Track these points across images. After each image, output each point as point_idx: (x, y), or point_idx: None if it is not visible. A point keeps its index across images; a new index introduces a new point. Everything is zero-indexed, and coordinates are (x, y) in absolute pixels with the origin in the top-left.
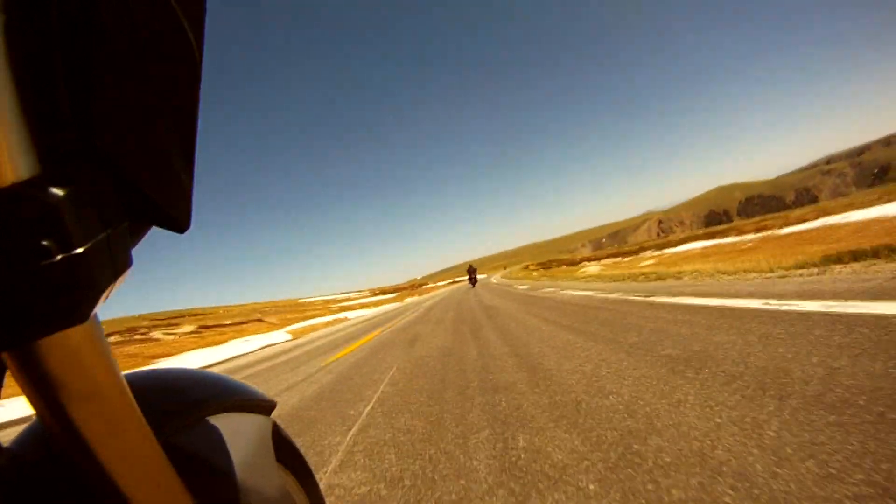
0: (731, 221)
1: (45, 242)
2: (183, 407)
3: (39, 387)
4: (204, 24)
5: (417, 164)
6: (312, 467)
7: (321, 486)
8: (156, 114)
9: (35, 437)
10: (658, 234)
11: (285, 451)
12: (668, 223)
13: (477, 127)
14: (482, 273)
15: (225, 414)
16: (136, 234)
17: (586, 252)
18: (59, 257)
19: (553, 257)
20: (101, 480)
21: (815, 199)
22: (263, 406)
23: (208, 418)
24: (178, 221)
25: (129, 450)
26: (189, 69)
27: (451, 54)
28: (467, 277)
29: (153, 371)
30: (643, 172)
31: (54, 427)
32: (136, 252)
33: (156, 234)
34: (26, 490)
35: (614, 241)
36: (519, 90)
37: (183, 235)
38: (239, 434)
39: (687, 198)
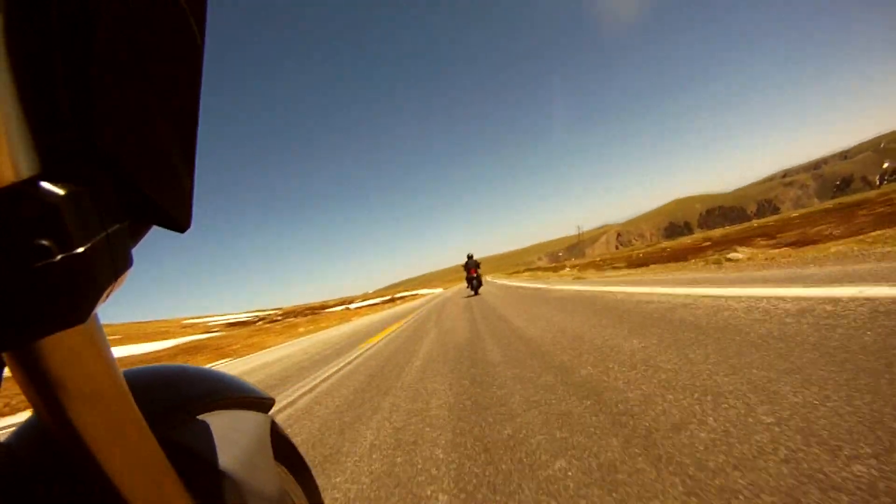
0: (693, 233)
1: (45, 242)
2: (181, 403)
3: (39, 387)
4: (205, 24)
5: (371, 173)
6: (310, 465)
7: None
8: (156, 114)
9: (31, 433)
10: (617, 247)
11: (283, 449)
12: (627, 236)
13: (434, 137)
14: (433, 288)
15: (223, 411)
16: (137, 233)
17: (542, 265)
18: (59, 257)
19: (512, 269)
20: (100, 480)
21: (777, 210)
22: (262, 403)
23: (206, 415)
24: (179, 221)
25: (128, 449)
26: (190, 69)
27: (397, 64)
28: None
29: (152, 368)
30: (596, 187)
31: (54, 427)
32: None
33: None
34: (23, 485)
35: (571, 254)
36: (473, 102)
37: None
38: (236, 431)
39: (642, 211)
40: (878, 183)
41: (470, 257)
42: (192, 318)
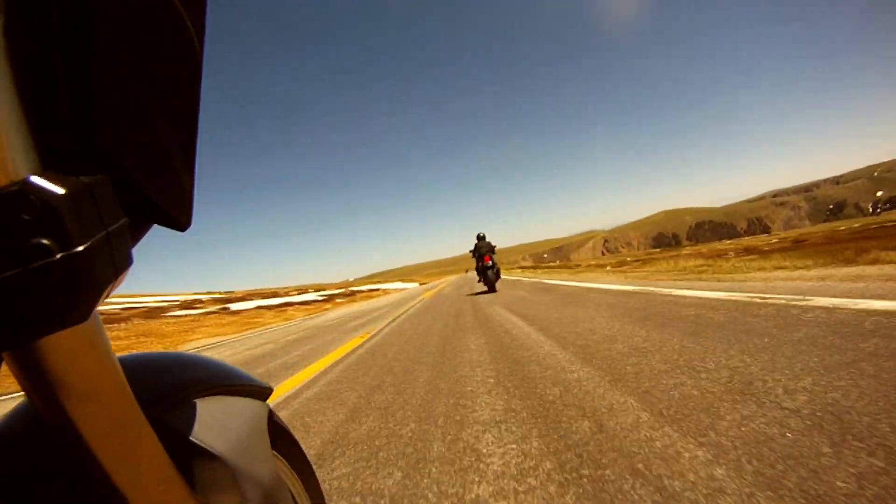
0: (681, 245)
1: (44, 241)
2: (176, 389)
3: (39, 386)
4: (205, 23)
5: (361, 162)
6: (309, 456)
7: None
8: (156, 113)
9: (23, 417)
10: (603, 253)
11: (281, 438)
12: (613, 242)
13: (420, 131)
14: (416, 280)
15: (219, 397)
16: (137, 233)
17: (527, 265)
18: (58, 256)
19: (502, 267)
20: (100, 478)
21: (767, 229)
22: (259, 391)
23: (201, 400)
24: (179, 220)
25: (128, 448)
26: (189, 69)
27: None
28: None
29: (148, 354)
30: (583, 192)
31: (54, 426)
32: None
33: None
34: (22, 485)
35: (556, 257)
36: (460, 99)
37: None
38: (232, 417)
39: (627, 220)
40: (871, 210)
41: (481, 238)
42: (117, 298)
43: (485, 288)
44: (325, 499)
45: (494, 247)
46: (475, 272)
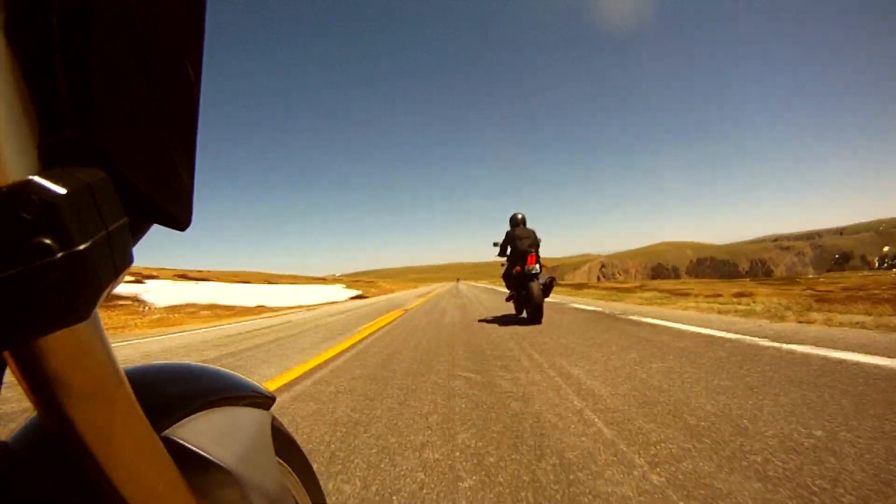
0: (679, 278)
1: (46, 240)
2: (181, 400)
3: (40, 386)
4: (204, 21)
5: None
6: (312, 464)
7: None
8: (156, 113)
9: (33, 433)
10: (598, 278)
11: (285, 446)
12: (611, 268)
13: (418, 134)
14: (433, 282)
15: (223, 408)
16: (137, 232)
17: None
18: (59, 255)
19: (489, 280)
20: (101, 480)
21: (769, 273)
22: (262, 400)
23: (206, 412)
24: (179, 220)
25: (130, 449)
26: (190, 67)
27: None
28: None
29: (152, 365)
30: (582, 214)
31: (55, 426)
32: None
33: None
34: (23, 486)
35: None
36: (462, 100)
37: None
38: (237, 428)
39: (625, 248)
40: (876, 265)
41: (518, 223)
42: None
43: (518, 313)
44: (325, 500)
45: (540, 241)
46: (501, 281)
